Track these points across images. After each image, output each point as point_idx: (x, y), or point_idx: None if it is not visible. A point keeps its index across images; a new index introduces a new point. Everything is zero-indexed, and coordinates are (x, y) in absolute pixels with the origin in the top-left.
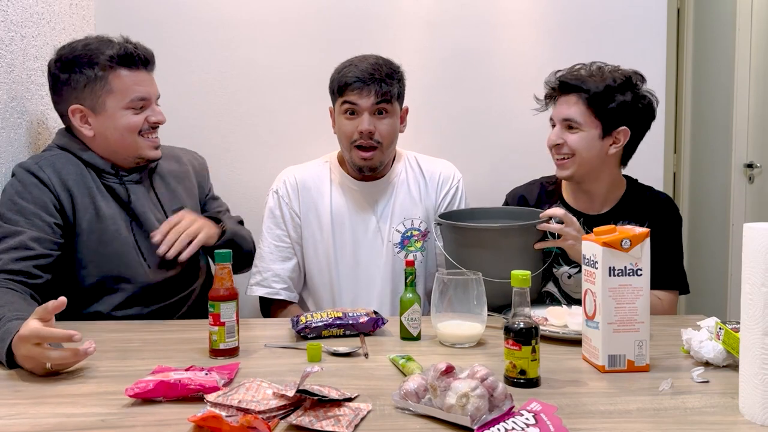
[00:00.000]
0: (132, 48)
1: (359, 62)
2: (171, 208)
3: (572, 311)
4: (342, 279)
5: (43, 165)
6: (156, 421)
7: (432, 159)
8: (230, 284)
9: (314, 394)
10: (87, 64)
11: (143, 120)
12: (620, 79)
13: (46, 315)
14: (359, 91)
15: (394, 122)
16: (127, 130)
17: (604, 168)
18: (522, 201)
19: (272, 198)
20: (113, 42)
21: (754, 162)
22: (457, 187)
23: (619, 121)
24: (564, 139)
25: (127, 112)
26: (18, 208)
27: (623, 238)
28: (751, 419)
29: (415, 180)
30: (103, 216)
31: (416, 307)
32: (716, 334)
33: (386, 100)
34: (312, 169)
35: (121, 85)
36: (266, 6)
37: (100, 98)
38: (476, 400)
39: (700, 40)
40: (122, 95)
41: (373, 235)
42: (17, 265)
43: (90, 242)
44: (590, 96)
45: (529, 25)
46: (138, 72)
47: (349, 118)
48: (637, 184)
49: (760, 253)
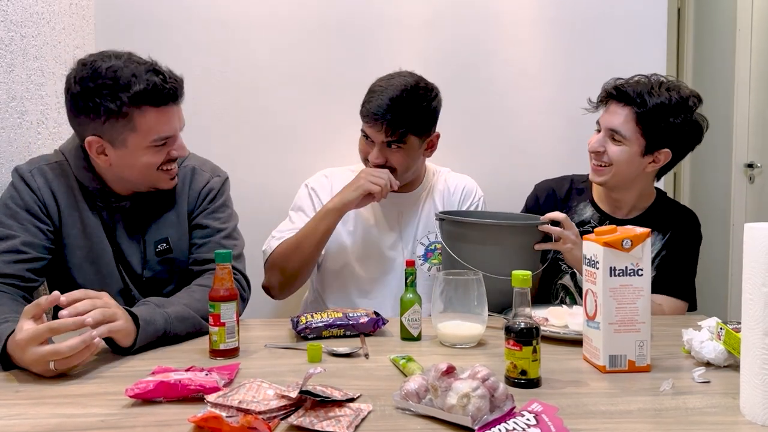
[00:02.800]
0: (160, 82)
1: (384, 89)
2: (154, 240)
3: (573, 311)
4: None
5: (35, 173)
6: (156, 421)
7: (458, 175)
8: (230, 285)
9: (317, 395)
10: (110, 96)
11: (165, 155)
12: (676, 100)
13: (38, 312)
14: (371, 125)
15: (410, 154)
16: (146, 167)
17: (638, 181)
18: (551, 194)
19: (303, 191)
20: (140, 72)
21: (755, 162)
22: (478, 204)
23: (664, 142)
24: (605, 147)
25: (148, 150)
26: (11, 212)
27: (624, 238)
28: (752, 419)
29: (440, 195)
30: (89, 233)
31: (416, 308)
32: (717, 335)
33: (395, 140)
34: (344, 174)
35: (145, 125)
36: (266, 6)
37: (122, 135)
38: (477, 401)
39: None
40: (146, 135)
41: (393, 245)
42: (10, 268)
43: (78, 252)
44: (641, 112)
45: (529, 25)
46: (166, 109)
47: (366, 143)
48: (666, 197)
49: (761, 254)
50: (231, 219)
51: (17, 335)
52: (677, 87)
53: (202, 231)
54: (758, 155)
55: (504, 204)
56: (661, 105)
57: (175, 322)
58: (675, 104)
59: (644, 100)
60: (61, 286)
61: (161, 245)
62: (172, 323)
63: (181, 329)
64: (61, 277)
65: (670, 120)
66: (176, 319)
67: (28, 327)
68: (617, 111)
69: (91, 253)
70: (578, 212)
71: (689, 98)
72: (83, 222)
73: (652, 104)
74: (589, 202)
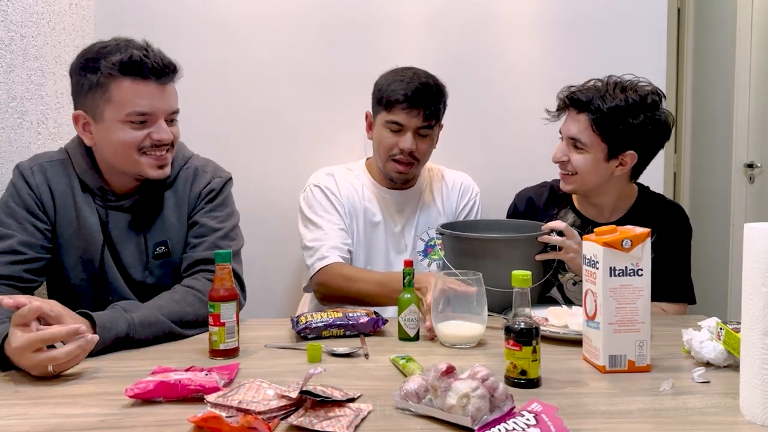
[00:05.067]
0: (141, 55)
1: (409, 79)
2: (153, 242)
3: (573, 311)
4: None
5: (35, 170)
6: (156, 421)
7: (454, 171)
8: (230, 284)
9: (317, 395)
10: (92, 68)
11: (144, 137)
12: (633, 100)
13: (25, 321)
14: (408, 111)
15: (434, 141)
16: (123, 145)
17: (611, 185)
18: (530, 203)
19: (316, 191)
20: (124, 46)
21: (755, 162)
22: (475, 201)
23: (627, 144)
24: (568, 156)
25: (124, 126)
26: (11, 211)
27: (624, 238)
28: (751, 419)
29: (439, 191)
30: (85, 234)
31: (413, 308)
32: (717, 335)
33: (429, 125)
34: (343, 173)
35: (120, 96)
36: (266, 6)
37: (99, 107)
38: (477, 401)
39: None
40: (120, 107)
41: (396, 242)
42: (7, 269)
43: (73, 252)
44: (597, 118)
45: (528, 25)
46: (144, 83)
47: (392, 133)
48: (648, 192)
49: (761, 253)
50: (229, 219)
51: (12, 342)
52: (634, 86)
53: (197, 230)
54: (758, 155)
55: (504, 203)
56: (616, 108)
57: (139, 328)
58: (632, 105)
59: (598, 105)
60: (58, 286)
61: (160, 248)
62: (136, 328)
63: (147, 334)
64: (57, 278)
65: (629, 121)
66: (141, 324)
67: (21, 334)
68: (575, 118)
69: (85, 254)
70: (560, 219)
71: (647, 96)
72: (79, 222)
73: (607, 108)
74: (570, 209)
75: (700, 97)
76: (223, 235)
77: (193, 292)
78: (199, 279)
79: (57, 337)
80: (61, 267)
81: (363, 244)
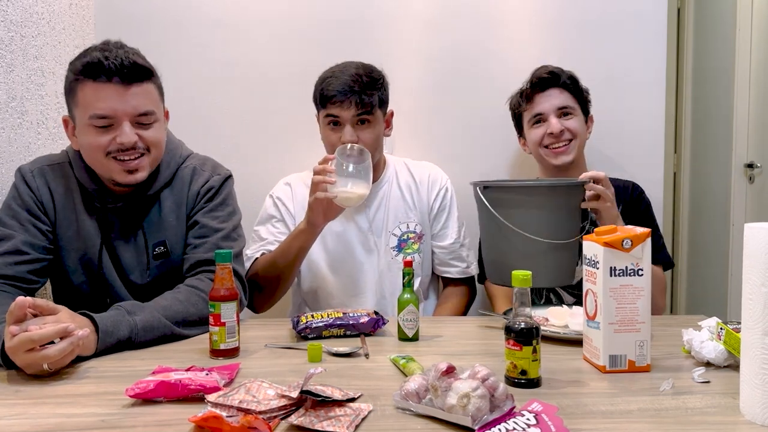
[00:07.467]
0: (101, 56)
1: (340, 73)
2: (151, 243)
3: (573, 311)
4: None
5: (36, 173)
6: (156, 421)
7: (419, 163)
8: (230, 284)
9: (317, 395)
10: (69, 72)
11: (109, 141)
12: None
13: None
14: (340, 103)
15: (377, 130)
16: (91, 149)
17: (582, 156)
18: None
19: (268, 202)
20: (95, 49)
21: (755, 162)
22: (446, 188)
23: (588, 105)
24: (564, 125)
25: (90, 129)
26: (13, 213)
27: (624, 238)
28: (751, 419)
29: (407, 185)
30: (84, 236)
31: (412, 308)
32: (717, 335)
33: (367, 111)
34: (303, 180)
35: (84, 99)
36: (266, 6)
37: (72, 111)
38: (477, 401)
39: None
40: (84, 110)
41: (364, 240)
42: (11, 269)
43: (73, 254)
44: (570, 85)
45: (528, 24)
46: (104, 85)
47: (333, 129)
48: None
49: (761, 253)
50: (230, 218)
51: (6, 342)
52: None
53: (198, 230)
54: (758, 155)
55: None
56: (572, 77)
57: (141, 332)
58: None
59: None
60: (61, 288)
61: (158, 248)
62: (138, 333)
63: (149, 338)
64: (60, 280)
65: (582, 86)
66: (143, 329)
67: (12, 336)
68: (550, 94)
69: (85, 255)
70: None
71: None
72: (79, 224)
73: (569, 77)
74: None
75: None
76: (225, 235)
77: (197, 292)
78: (203, 279)
79: (47, 338)
80: (63, 269)
81: (331, 247)
